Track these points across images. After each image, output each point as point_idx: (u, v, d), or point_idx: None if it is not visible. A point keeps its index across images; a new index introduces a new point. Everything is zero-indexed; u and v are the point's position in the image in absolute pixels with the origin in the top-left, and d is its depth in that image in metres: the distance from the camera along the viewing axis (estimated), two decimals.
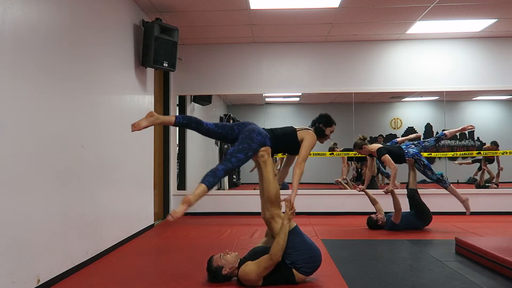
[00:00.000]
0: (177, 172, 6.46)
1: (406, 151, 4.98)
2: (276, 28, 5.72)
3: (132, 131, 2.86)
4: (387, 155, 4.86)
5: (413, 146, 5.04)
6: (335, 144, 7.10)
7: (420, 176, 5.16)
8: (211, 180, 2.68)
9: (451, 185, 5.00)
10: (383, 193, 4.84)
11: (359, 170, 7.86)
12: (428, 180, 5.21)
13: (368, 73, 6.36)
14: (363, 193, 5.18)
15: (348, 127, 6.81)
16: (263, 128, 3.12)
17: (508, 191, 6.32)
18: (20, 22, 2.61)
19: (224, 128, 3.04)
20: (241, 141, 2.89)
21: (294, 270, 2.82)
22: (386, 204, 5.25)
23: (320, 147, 7.08)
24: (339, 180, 6.37)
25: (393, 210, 5.26)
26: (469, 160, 7.85)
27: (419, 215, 4.83)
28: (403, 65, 6.35)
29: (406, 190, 5.10)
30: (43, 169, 2.83)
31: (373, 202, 5.13)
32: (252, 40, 6.29)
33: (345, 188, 6.68)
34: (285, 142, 3.16)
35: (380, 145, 5.08)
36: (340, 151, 6.94)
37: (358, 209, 6.15)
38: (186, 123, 3.03)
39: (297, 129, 3.20)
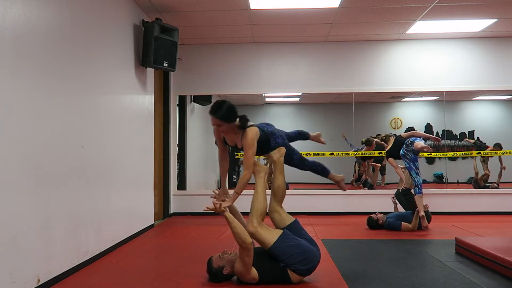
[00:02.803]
0: (177, 172, 6.46)
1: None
2: (276, 28, 5.72)
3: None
4: (390, 158, 5.22)
5: (404, 146, 4.93)
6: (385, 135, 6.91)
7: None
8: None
9: (420, 195, 4.74)
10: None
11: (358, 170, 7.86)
12: (427, 180, 5.23)
13: (368, 73, 6.36)
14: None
15: (348, 127, 6.82)
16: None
17: (508, 191, 6.32)
18: (20, 22, 2.61)
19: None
20: (289, 147, 3.25)
21: (289, 271, 2.81)
22: (387, 205, 5.26)
23: (321, 147, 7.10)
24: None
25: (392, 211, 5.29)
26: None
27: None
28: (403, 65, 6.35)
29: (397, 194, 5.20)
30: (43, 169, 2.83)
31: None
32: (252, 40, 6.29)
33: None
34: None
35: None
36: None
37: (358, 209, 6.15)
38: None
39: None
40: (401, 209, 5.17)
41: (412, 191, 4.88)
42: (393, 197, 5.29)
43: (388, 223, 4.87)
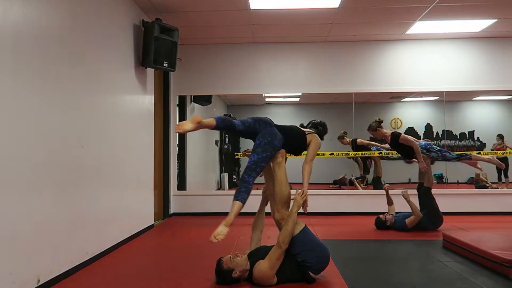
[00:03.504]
0: (177, 172, 6.46)
1: (417, 142, 4.89)
2: (276, 28, 5.72)
3: (177, 131, 2.91)
4: (403, 134, 4.82)
5: (424, 150, 4.83)
6: (344, 132, 7.02)
7: None
8: (245, 196, 2.80)
9: (471, 154, 4.97)
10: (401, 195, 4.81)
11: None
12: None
13: (368, 73, 6.36)
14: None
15: (348, 127, 6.82)
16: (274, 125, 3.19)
17: (508, 191, 6.32)
18: (20, 22, 2.61)
19: (249, 127, 3.07)
20: (264, 149, 2.94)
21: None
22: (397, 204, 5.24)
23: (321, 147, 7.10)
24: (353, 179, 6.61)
25: (403, 210, 5.17)
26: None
27: (431, 216, 4.74)
28: (403, 65, 6.35)
29: (418, 188, 5.01)
30: (43, 169, 2.83)
31: (389, 202, 5.06)
32: (252, 40, 6.29)
33: (357, 187, 6.76)
34: (295, 144, 3.25)
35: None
36: (349, 140, 6.91)
37: (358, 209, 6.16)
38: (225, 125, 3.05)
39: (305, 133, 3.29)
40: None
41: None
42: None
43: (396, 225, 4.80)
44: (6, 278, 2.43)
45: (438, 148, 4.91)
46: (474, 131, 8.10)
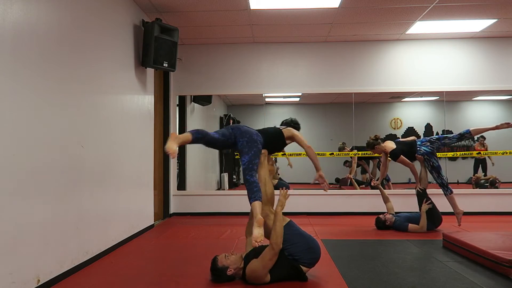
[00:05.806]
0: (177, 172, 6.46)
1: (418, 148, 4.89)
2: (276, 28, 5.72)
3: (172, 158, 2.99)
4: (401, 156, 4.85)
5: (428, 143, 4.88)
6: (343, 143, 7.08)
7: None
8: (260, 194, 2.90)
9: (452, 194, 4.87)
10: (414, 191, 4.83)
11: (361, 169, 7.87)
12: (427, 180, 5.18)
13: (368, 73, 6.36)
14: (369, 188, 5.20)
15: (348, 127, 6.81)
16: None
17: (508, 191, 6.32)
18: (20, 22, 2.61)
19: (223, 135, 3.11)
20: (249, 146, 3.02)
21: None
22: (397, 204, 5.25)
23: (321, 148, 7.09)
24: (350, 176, 6.52)
25: (403, 210, 5.18)
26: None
27: (428, 216, 4.76)
28: (403, 65, 6.35)
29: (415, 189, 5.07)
30: (43, 169, 2.83)
31: (385, 200, 5.09)
32: (252, 40, 6.29)
33: (355, 187, 6.75)
34: (275, 142, 3.34)
35: (393, 146, 4.96)
36: (349, 150, 6.93)
37: (358, 209, 6.15)
38: (200, 137, 3.06)
39: (281, 129, 3.41)
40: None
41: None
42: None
43: (396, 224, 4.83)
44: (6, 278, 2.43)
45: (437, 164, 4.88)
46: None
